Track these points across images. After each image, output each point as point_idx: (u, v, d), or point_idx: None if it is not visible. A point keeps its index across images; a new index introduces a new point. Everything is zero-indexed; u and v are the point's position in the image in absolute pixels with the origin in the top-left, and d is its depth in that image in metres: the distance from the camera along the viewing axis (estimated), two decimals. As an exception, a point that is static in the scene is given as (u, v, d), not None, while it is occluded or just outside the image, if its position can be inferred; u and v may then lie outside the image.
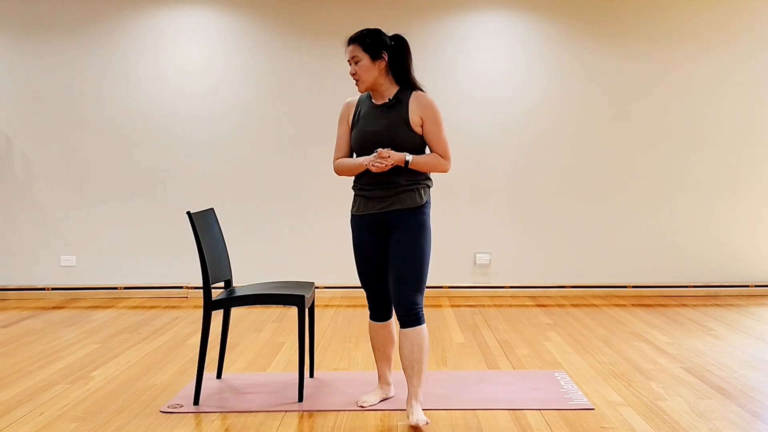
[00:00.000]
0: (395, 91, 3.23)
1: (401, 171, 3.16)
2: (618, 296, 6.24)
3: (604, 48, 6.27)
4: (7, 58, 6.27)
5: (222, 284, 3.75)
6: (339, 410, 3.29)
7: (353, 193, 3.31)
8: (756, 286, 6.31)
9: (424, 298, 3.20)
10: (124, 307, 5.87)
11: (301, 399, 3.40)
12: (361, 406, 3.33)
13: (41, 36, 6.25)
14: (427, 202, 3.24)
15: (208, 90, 6.29)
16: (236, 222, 6.21)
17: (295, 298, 3.44)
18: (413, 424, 3.08)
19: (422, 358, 3.15)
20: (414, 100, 3.19)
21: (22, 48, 6.26)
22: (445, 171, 3.25)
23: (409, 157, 3.14)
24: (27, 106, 6.29)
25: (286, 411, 3.29)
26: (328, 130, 6.32)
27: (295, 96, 6.25)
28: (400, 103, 3.20)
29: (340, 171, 3.33)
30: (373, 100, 3.27)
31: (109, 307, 5.87)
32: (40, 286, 6.30)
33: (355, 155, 3.32)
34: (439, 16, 6.27)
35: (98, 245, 6.33)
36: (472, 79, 6.30)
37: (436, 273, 6.34)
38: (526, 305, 5.89)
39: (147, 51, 6.27)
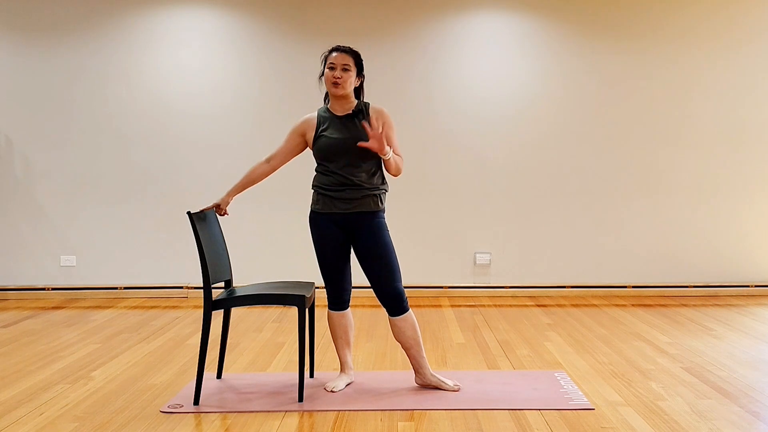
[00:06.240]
0: (355, 104, 3.55)
1: (367, 176, 3.47)
2: (618, 296, 6.24)
3: (606, 48, 6.27)
4: (8, 59, 6.27)
5: (222, 284, 3.75)
6: (339, 410, 3.29)
7: (314, 191, 3.55)
8: (756, 286, 6.31)
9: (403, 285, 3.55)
10: (124, 307, 5.87)
11: (301, 399, 3.40)
12: (332, 391, 3.54)
13: (41, 36, 6.25)
14: (384, 209, 3.56)
15: (208, 90, 6.29)
16: (236, 222, 6.20)
17: (295, 298, 3.45)
18: (452, 388, 3.54)
19: (418, 337, 3.59)
20: (373, 110, 3.53)
21: (22, 48, 6.26)
22: (400, 172, 3.56)
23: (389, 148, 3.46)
24: (27, 106, 6.29)
25: (286, 411, 3.29)
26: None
27: (296, 95, 6.24)
28: (362, 112, 3.52)
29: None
30: (335, 113, 3.53)
31: (109, 307, 5.87)
32: (40, 286, 6.30)
33: (319, 163, 3.54)
34: (439, 16, 6.27)
35: (98, 245, 6.33)
36: (472, 79, 6.30)
37: (436, 273, 6.36)
38: (526, 305, 5.88)
39: (147, 51, 6.27)
